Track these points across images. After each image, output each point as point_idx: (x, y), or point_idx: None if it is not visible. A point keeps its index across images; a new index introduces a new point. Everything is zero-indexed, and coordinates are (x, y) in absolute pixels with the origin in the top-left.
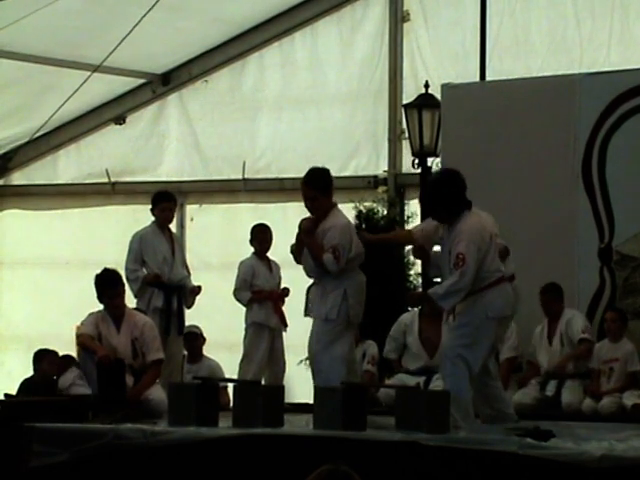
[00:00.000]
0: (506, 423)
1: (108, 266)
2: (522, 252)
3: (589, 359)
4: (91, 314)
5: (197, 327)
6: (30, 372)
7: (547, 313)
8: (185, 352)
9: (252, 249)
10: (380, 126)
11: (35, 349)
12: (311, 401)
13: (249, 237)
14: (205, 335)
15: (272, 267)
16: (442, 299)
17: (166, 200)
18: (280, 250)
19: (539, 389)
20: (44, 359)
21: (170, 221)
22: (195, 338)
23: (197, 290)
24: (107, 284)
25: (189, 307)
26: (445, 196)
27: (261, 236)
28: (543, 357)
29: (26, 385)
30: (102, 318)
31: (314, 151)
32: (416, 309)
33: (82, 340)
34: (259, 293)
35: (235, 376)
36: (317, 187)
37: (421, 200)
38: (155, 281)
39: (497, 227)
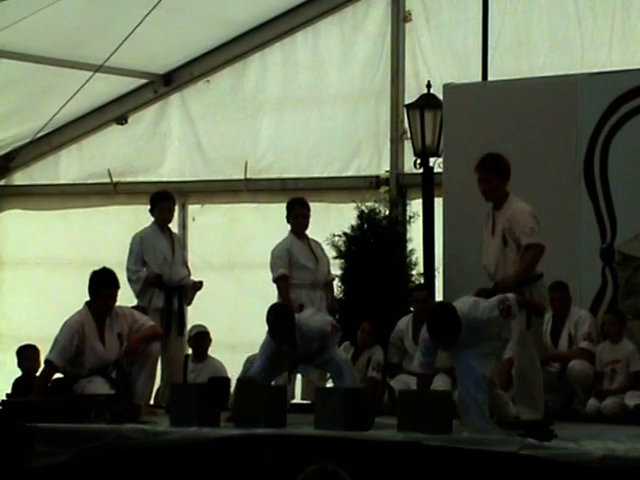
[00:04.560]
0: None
1: (110, 266)
2: None
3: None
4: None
5: (204, 327)
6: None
7: (557, 310)
8: (189, 351)
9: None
10: (382, 126)
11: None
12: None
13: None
14: None
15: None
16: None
17: (165, 200)
18: None
19: None
20: (23, 356)
21: (169, 221)
22: (204, 338)
23: (199, 285)
24: (105, 284)
25: (189, 304)
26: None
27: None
28: None
29: (18, 385)
30: (82, 324)
31: (316, 151)
32: (410, 315)
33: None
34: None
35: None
36: None
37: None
38: (156, 281)
39: None
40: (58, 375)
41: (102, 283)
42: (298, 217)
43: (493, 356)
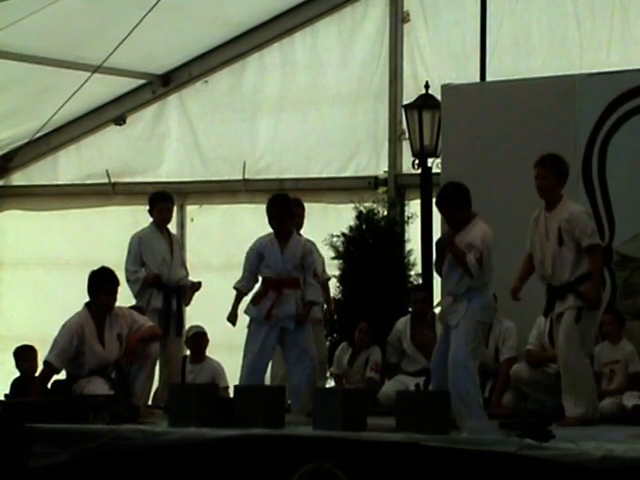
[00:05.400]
0: None
1: (108, 267)
2: (522, 253)
3: None
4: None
5: (202, 327)
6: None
7: None
8: (187, 352)
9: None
10: (380, 127)
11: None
12: None
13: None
14: None
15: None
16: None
17: (164, 200)
18: None
19: None
20: (21, 356)
21: (168, 221)
22: (201, 338)
23: (197, 286)
24: (105, 280)
25: (187, 304)
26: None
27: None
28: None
29: (16, 385)
30: (81, 326)
31: (314, 152)
32: (408, 315)
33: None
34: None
35: (237, 377)
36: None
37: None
38: (155, 282)
39: None
40: (57, 377)
41: (102, 280)
42: (294, 217)
43: (479, 350)
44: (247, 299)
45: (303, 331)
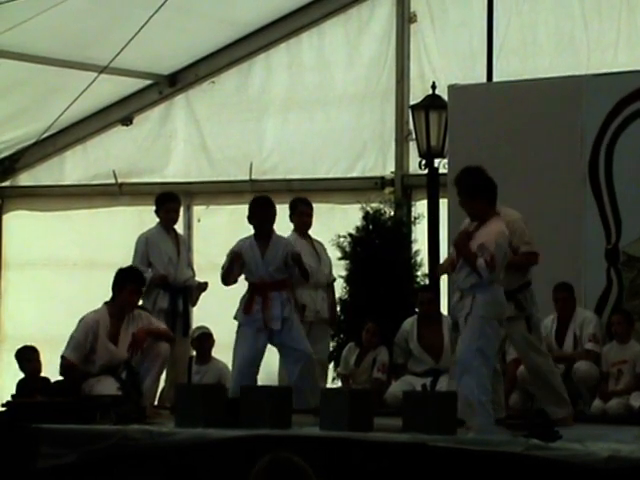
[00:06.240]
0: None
1: (115, 267)
2: None
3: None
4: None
5: (207, 328)
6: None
7: (561, 311)
8: (194, 353)
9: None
10: (387, 127)
11: (42, 350)
12: None
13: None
14: None
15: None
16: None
17: (171, 201)
18: None
19: None
20: (24, 357)
21: (175, 222)
22: (207, 339)
23: (204, 286)
24: (132, 278)
25: (194, 305)
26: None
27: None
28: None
29: (21, 386)
30: (97, 322)
31: (321, 152)
32: (415, 316)
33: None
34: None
35: None
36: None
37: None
38: (162, 282)
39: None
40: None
41: (130, 278)
42: (302, 215)
43: (490, 350)
44: (236, 303)
45: (291, 330)
